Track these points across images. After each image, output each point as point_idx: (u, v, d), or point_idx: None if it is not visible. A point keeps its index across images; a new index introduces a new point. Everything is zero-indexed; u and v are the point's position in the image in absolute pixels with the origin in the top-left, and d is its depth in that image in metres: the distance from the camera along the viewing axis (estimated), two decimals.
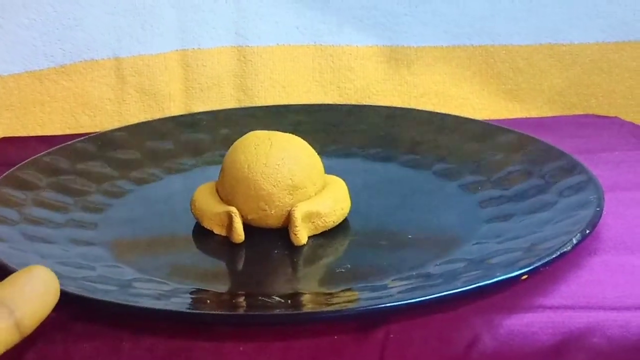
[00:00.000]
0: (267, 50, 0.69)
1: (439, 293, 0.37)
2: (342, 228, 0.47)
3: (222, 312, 0.38)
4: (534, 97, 0.71)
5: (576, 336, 0.37)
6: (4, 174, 0.51)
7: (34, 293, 0.31)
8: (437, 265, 0.42)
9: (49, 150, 0.55)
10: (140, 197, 0.53)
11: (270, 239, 0.46)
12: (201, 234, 0.47)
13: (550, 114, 0.71)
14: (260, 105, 0.69)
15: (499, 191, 0.51)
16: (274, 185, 0.46)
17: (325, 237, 0.47)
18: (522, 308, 0.38)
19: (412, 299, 0.37)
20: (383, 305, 0.36)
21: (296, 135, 0.49)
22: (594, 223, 0.43)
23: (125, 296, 0.39)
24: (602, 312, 0.38)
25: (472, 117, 0.62)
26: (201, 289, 0.41)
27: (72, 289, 0.38)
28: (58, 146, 0.56)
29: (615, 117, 0.69)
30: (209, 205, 0.47)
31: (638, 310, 0.38)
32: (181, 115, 0.65)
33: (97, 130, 0.66)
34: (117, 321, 0.38)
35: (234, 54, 0.69)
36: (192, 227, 0.48)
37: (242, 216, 0.46)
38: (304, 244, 0.45)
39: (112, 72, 0.67)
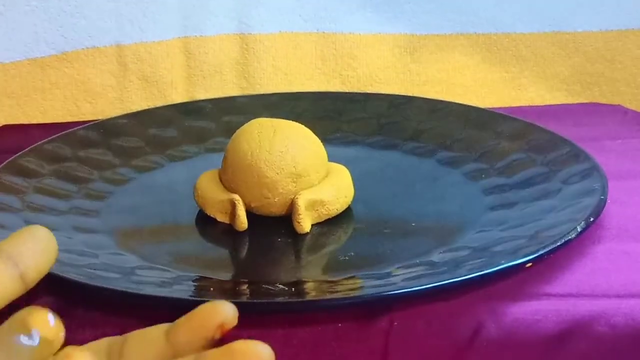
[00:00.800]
0: (270, 37, 0.69)
1: (443, 281, 0.37)
2: (345, 216, 0.47)
3: (225, 300, 0.38)
4: (538, 85, 0.71)
5: (580, 324, 0.36)
6: (6, 162, 0.51)
7: (36, 248, 0.32)
8: (440, 253, 0.42)
9: (50, 138, 0.55)
10: (142, 185, 0.53)
11: (274, 227, 0.46)
12: (204, 221, 0.47)
13: (553, 102, 0.71)
14: (262, 92, 0.68)
15: (503, 179, 0.51)
16: (277, 173, 0.45)
17: (329, 225, 0.46)
18: (526, 296, 0.38)
19: (416, 287, 0.37)
20: (387, 293, 0.36)
21: (299, 123, 0.49)
22: (598, 211, 0.43)
23: (128, 284, 0.39)
24: (606, 300, 0.38)
25: (475, 105, 0.62)
26: (204, 277, 0.41)
27: (74, 276, 0.38)
28: (60, 133, 0.56)
29: (619, 105, 0.69)
30: (212, 192, 0.47)
31: None
32: (183, 103, 0.65)
33: (99, 117, 0.65)
34: (119, 308, 0.37)
35: (236, 42, 0.68)
36: (195, 215, 0.48)
37: (245, 204, 0.46)
38: (307, 232, 0.45)
39: (114, 59, 0.67)
